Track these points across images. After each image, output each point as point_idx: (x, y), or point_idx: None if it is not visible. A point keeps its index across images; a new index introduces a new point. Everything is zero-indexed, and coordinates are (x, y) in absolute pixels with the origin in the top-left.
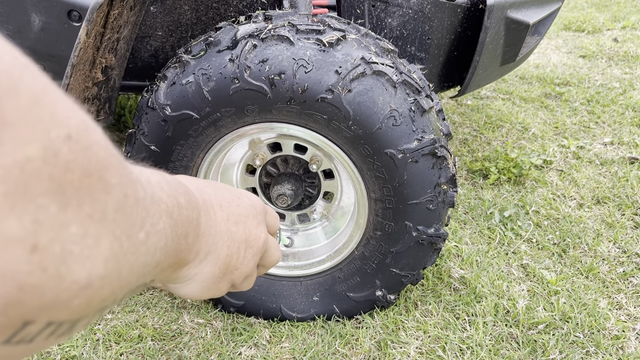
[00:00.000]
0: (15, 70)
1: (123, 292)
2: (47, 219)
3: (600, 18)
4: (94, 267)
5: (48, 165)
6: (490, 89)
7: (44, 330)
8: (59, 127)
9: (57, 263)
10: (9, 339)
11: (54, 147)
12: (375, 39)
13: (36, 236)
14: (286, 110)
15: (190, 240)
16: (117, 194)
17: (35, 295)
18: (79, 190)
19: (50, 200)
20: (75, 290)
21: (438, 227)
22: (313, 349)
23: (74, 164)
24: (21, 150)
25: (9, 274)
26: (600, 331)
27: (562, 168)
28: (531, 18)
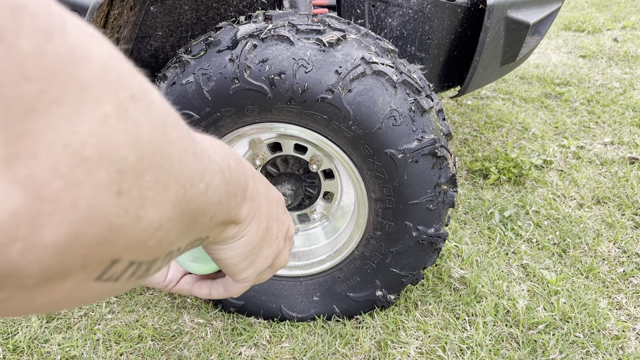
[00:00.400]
0: (84, 40)
1: (185, 241)
2: (127, 168)
3: (601, 18)
4: (164, 211)
5: (122, 121)
6: (490, 89)
7: (127, 269)
8: (125, 87)
9: (137, 206)
10: (100, 276)
11: (123, 105)
12: (375, 39)
13: (120, 183)
14: (286, 110)
15: (239, 200)
16: (178, 148)
17: (121, 235)
18: (150, 142)
19: (128, 151)
20: (151, 231)
21: (438, 227)
22: (313, 349)
23: (141, 119)
24: (100, 108)
25: (101, 215)
26: (601, 331)
27: (562, 168)
28: (531, 18)
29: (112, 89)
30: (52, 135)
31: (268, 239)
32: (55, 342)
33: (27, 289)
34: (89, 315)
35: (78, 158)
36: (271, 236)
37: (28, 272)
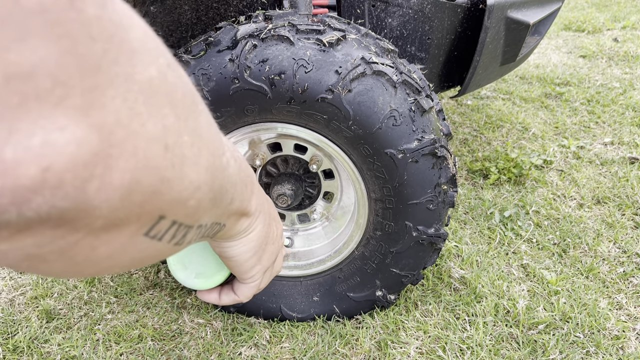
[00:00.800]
0: (128, 11)
1: (211, 217)
2: (171, 126)
3: (601, 18)
4: (200, 172)
5: (163, 83)
6: (490, 89)
7: (170, 229)
8: (163, 56)
9: (180, 163)
10: (148, 231)
11: (163, 70)
12: (376, 39)
13: (166, 138)
14: (286, 110)
15: (249, 191)
16: (206, 116)
17: (169, 188)
18: (184, 107)
19: (169, 111)
20: (192, 190)
21: (438, 227)
22: (313, 349)
23: (177, 85)
24: (147, 70)
25: (154, 166)
26: (601, 331)
27: (562, 168)
28: (531, 18)
29: (153, 55)
30: (114, 90)
31: (272, 237)
32: (55, 342)
33: (94, 233)
34: (89, 315)
35: (133, 111)
36: (273, 234)
37: (100, 212)
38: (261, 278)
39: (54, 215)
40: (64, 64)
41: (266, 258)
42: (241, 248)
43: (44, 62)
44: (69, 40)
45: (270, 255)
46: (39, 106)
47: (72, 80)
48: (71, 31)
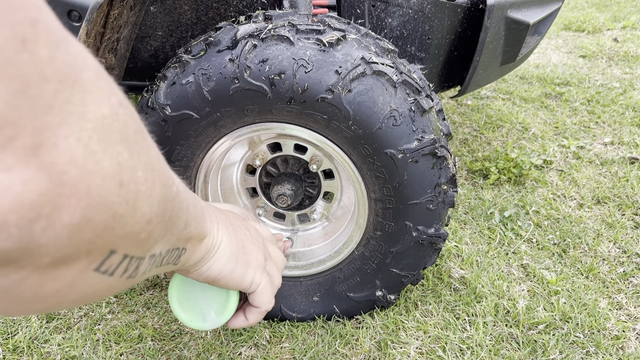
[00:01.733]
0: (82, 51)
1: (166, 245)
2: (125, 162)
3: (601, 18)
4: (153, 205)
5: (115, 121)
6: (490, 89)
7: (121, 263)
8: (115, 94)
9: (134, 198)
10: (99, 266)
11: (115, 108)
12: (375, 39)
13: (121, 175)
14: (286, 110)
15: (200, 210)
16: (155, 152)
17: (121, 223)
18: (136, 143)
19: (123, 148)
20: (143, 223)
21: (438, 227)
22: (313, 349)
23: (128, 122)
24: (100, 108)
25: (108, 203)
26: (601, 331)
27: (562, 168)
28: (531, 18)
29: (106, 94)
30: (67, 130)
31: (246, 237)
32: (55, 342)
33: (40, 270)
34: (89, 316)
35: (88, 150)
36: (247, 234)
37: (46, 250)
38: (264, 276)
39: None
40: (14, 105)
41: (254, 258)
42: (218, 264)
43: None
44: (21, 81)
45: (256, 253)
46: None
47: (23, 121)
48: (23, 72)
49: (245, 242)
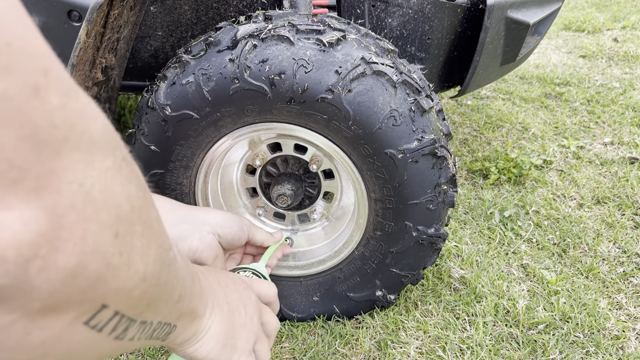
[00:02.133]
0: (91, 102)
1: (157, 316)
2: (123, 215)
3: (600, 18)
4: (148, 263)
5: (118, 174)
6: (490, 89)
7: (111, 320)
8: (119, 149)
9: (129, 251)
10: (89, 320)
11: (118, 162)
12: (375, 39)
13: (117, 226)
14: (286, 110)
15: (198, 288)
16: (154, 212)
17: (114, 275)
18: (138, 198)
19: (123, 200)
20: (137, 280)
21: (438, 227)
22: (313, 349)
23: (131, 178)
24: (104, 161)
25: (102, 251)
26: (600, 331)
27: (562, 168)
28: (531, 18)
29: (111, 147)
30: (71, 176)
31: (239, 322)
32: None
33: (30, 316)
34: None
35: (89, 197)
36: (241, 319)
37: (38, 293)
38: (249, 358)
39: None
40: (22, 149)
41: (242, 341)
42: (205, 348)
43: (1, 147)
44: (31, 128)
45: (247, 336)
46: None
47: (29, 164)
48: (34, 119)
49: (237, 325)
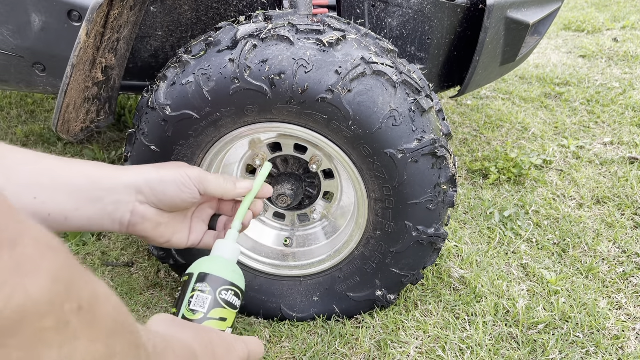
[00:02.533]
0: (37, 252)
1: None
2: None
3: (600, 18)
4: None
5: (59, 334)
6: (490, 89)
7: None
8: (72, 300)
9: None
10: None
11: (65, 318)
12: (375, 39)
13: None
14: (286, 110)
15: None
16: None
17: None
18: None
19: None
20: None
21: (438, 227)
22: (313, 349)
23: (81, 333)
24: (39, 323)
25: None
26: (600, 331)
27: (562, 168)
28: (531, 18)
29: (58, 302)
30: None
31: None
32: None
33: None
34: None
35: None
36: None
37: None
38: None
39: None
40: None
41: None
42: None
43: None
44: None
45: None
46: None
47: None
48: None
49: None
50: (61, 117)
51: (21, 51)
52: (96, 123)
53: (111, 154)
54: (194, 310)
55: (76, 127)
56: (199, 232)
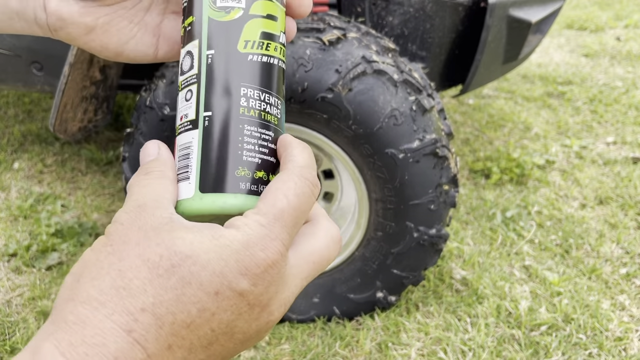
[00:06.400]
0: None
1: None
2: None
3: (603, 16)
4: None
5: None
6: (492, 88)
7: None
8: None
9: None
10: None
11: None
12: (376, 38)
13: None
14: (286, 109)
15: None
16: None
17: None
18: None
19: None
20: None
21: (439, 227)
22: (313, 351)
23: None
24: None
25: None
26: (603, 333)
27: (564, 168)
28: (533, 16)
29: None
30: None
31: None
32: None
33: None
34: None
35: None
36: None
37: None
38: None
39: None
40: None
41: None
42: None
43: None
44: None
45: (223, 344)
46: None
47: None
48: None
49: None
50: (59, 116)
51: (18, 50)
52: (94, 122)
53: (109, 153)
54: (224, 7)
55: (74, 127)
56: (176, 38)
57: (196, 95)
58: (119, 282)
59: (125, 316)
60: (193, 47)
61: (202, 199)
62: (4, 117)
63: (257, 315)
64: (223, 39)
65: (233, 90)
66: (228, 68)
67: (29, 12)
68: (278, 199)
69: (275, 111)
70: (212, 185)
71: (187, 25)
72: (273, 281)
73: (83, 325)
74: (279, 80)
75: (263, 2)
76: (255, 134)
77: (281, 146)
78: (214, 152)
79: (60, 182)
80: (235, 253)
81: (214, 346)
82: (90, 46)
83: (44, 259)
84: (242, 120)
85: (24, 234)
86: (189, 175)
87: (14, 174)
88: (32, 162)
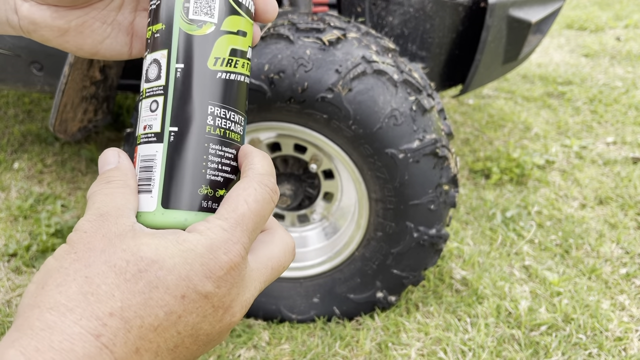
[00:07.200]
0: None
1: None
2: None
3: (603, 16)
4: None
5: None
6: (492, 88)
7: None
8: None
9: None
10: None
11: None
12: (376, 38)
13: None
14: (286, 109)
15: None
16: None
17: None
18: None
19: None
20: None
21: (439, 227)
22: (313, 351)
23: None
24: None
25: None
26: (603, 333)
27: (564, 168)
28: (533, 16)
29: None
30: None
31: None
32: None
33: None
34: None
35: None
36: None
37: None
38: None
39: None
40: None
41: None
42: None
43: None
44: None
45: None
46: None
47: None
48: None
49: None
50: (59, 116)
51: (18, 50)
52: (94, 122)
53: None
54: (196, 21)
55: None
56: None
57: (162, 108)
58: (86, 288)
59: (94, 321)
60: (161, 57)
61: (164, 214)
62: (4, 117)
63: (220, 317)
64: (193, 53)
65: (200, 108)
66: (197, 84)
67: (1, 14)
68: (239, 204)
69: (238, 128)
70: (174, 201)
71: (155, 31)
72: (235, 283)
73: (50, 331)
74: (243, 97)
75: (234, 18)
76: (220, 153)
77: (242, 155)
78: (178, 169)
79: (60, 182)
80: (200, 257)
81: (179, 349)
82: (65, 47)
83: (44, 259)
84: (208, 139)
85: (24, 234)
86: (151, 188)
87: (14, 174)
88: (32, 162)
